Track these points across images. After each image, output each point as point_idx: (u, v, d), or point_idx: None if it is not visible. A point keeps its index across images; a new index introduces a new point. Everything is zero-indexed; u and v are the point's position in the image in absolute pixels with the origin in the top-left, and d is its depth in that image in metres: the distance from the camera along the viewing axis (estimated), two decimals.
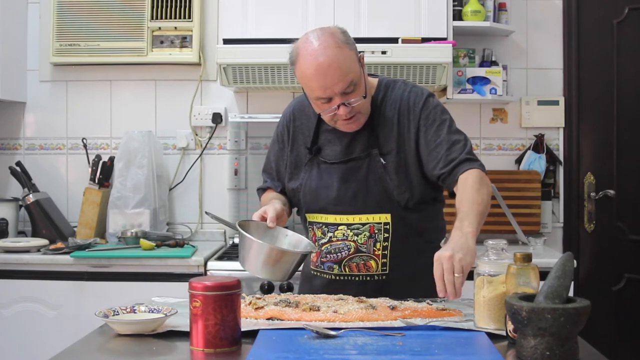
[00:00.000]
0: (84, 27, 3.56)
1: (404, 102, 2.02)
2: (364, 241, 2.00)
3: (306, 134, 2.10)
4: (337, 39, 1.90)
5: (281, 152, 2.16)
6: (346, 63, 1.89)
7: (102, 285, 3.05)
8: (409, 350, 1.45)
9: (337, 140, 2.04)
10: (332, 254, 2.03)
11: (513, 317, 1.40)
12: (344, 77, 1.88)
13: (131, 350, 1.52)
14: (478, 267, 1.62)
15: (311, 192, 2.06)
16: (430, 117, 2.00)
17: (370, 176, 2.00)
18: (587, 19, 3.61)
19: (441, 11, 3.28)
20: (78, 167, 3.69)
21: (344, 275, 2.03)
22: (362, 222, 2.00)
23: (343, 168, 2.02)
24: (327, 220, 2.03)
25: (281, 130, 2.16)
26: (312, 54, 1.88)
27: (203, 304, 1.47)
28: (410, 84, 2.08)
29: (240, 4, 3.30)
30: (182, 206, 3.68)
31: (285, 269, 1.85)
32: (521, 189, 3.50)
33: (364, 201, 2.00)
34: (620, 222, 3.59)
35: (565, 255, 1.45)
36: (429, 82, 3.31)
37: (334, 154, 2.04)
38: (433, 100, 2.04)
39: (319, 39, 1.89)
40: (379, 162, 2.00)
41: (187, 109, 3.66)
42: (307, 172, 2.07)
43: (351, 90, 1.90)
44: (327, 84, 1.87)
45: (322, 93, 1.89)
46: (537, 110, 3.62)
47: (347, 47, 1.91)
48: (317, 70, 1.87)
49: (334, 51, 1.87)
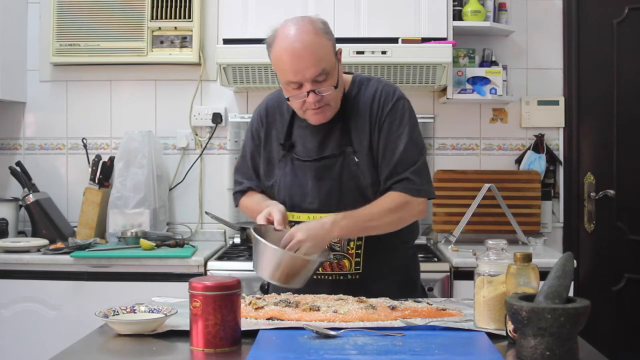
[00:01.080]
0: (84, 27, 3.56)
1: (375, 101, 2.01)
2: (338, 240, 1.99)
3: (279, 130, 2.08)
4: (315, 27, 1.90)
5: (257, 150, 2.12)
6: (321, 50, 1.88)
7: (102, 285, 3.05)
8: (409, 350, 1.45)
9: (310, 137, 2.02)
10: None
11: (513, 317, 1.40)
12: (316, 63, 1.87)
13: (131, 350, 1.52)
14: (478, 267, 1.62)
15: (285, 189, 2.04)
16: (394, 123, 1.99)
17: (344, 174, 1.99)
18: (587, 19, 3.61)
19: (441, 11, 3.28)
20: (78, 167, 3.69)
21: (317, 274, 2.00)
22: None
23: (317, 166, 2.01)
24: (300, 218, 2.02)
25: (256, 127, 2.13)
26: (289, 37, 1.88)
27: (203, 304, 1.47)
28: (384, 82, 2.06)
29: (240, 4, 3.30)
30: (182, 206, 3.68)
31: (306, 277, 1.82)
32: (521, 189, 3.50)
33: (338, 199, 1.99)
34: (620, 222, 3.59)
35: (565, 255, 1.45)
36: (429, 82, 3.31)
37: (307, 151, 2.02)
38: (402, 103, 2.02)
39: (297, 24, 1.90)
40: (352, 160, 1.98)
41: (187, 109, 3.66)
42: (281, 168, 2.05)
43: (322, 79, 1.89)
44: (299, 67, 1.87)
45: (293, 77, 1.88)
46: (537, 110, 3.62)
47: (324, 37, 1.91)
48: (291, 53, 1.86)
49: (310, 37, 1.88)
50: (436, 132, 3.63)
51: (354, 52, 3.16)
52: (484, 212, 3.40)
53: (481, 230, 3.42)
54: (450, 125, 3.64)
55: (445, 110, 3.63)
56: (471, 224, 3.39)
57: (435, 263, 3.02)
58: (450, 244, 3.36)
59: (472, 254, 3.07)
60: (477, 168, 3.63)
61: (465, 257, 3.04)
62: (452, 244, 3.34)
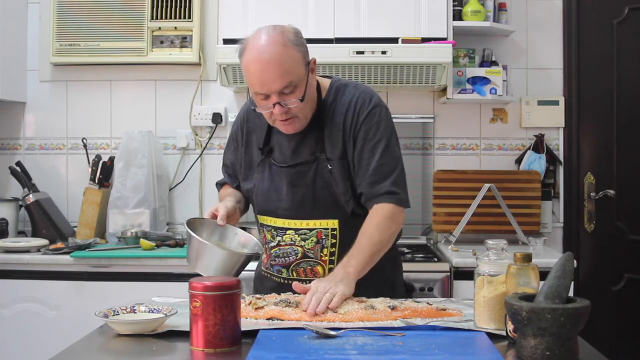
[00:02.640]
0: (84, 27, 3.56)
1: (351, 108, 1.99)
2: (311, 246, 1.99)
3: (259, 135, 2.08)
4: (285, 38, 1.87)
5: (235, 152, 2.15)
6: (288, 62, 1.86)
7: (102, 285, 3.05)
8: (409, 350, 1.45)
9: (286, 143, 2.02)
10: (281, 258, 2.03)
11: (513, 317, 1.40)
12: (282, 76, 1.85)
13: (131, 350, 1.52)
14: (478, 267, 1.62)
15: (262, 194, 2.04)
16: (370, 132, 1.97)
17: (318, 181, 1.98)
18: (587, 19, 3.61)
19: (441, 11, 3.28)
20: (78, 167, 3.69)
21: (292, 280, 2.01)
22: (310, 227, 1.99)
23: (291, 172, 2.00)
24: (275, 224, 2.02)
25: (235, 129, 2.15)
26: (257, 48, 1.86)
27: (203, 304, 1.47)
28: (361, 88, 2.04)
29: (240, 4, 3.30)
30: (182, 206, 3.68)
31: (229, 270, 1.84)
32: (521, 189, 3.50)
33: (311, 207, 1.98)
34: (620, 222, 3.59)
35: (565, 255, 1.45)
36: (429, 82, 3.31)
37: (283, 156, 2.03)
38: (379, 111, 2.00)
39: (267, 34, 1.87)
40: (326, 167, 1.98)
41: (187, 109, 3.66)
42: (259, 173, 2.06)
43: (289, 91, 1.87)
44: (264, 80, 1.85)
45: (259, 89, 1.88)
46: (537, 110, 3.62)
47: (293, 48, 1.88)
48: (258, 65, 1.85)
49: (278, 48, 1.85)
50: (436, 132, 3.63)
51: (354, 52, 3.17)
52: (484, 212, 3.40)
53: (481, 230, 3.42)
54: (450, 125, 3.64)
55: (445, 110, 3.63)
56: (471, 224, 3.39)
57: (435, 263, 3.02)
58: (450, 244, 3.36)
59: (472, 254, 3.07)
60: (477, 168, 3.63)
61: (465, 257, 3.04)
62: (452, 244, 3.34)
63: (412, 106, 3.62)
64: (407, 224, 3.59)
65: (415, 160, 3.62)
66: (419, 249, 3.30)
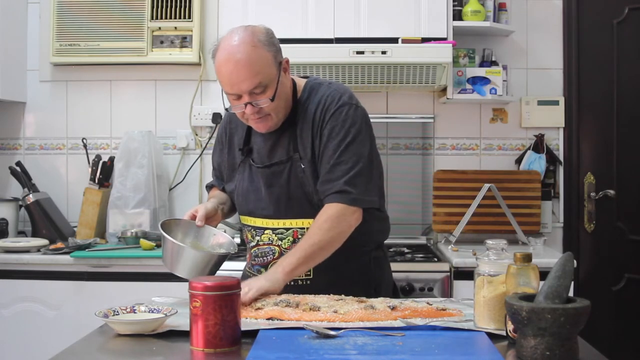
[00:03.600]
0: (84, 27, 3.56)
1: (319, 107, 1.98)
2: (288, 246, 1.99)
3: (240, 136, 2.10)
4: (255, 38, 1.87)
5: (221, 154, 2.16)
6: (258, 63, 1.86)
7: (102, 285, 3.05)
8: (409, 350, 1.45)
9: (263, 143, 2.03)
10: (260, 258, 2.04)
11: (513, 317, 1.40)
12: (252, 76, 1.86)
13: (131, 350, 1.52)
14: (478, 267, 1.62)
15: (242, 194, 2.06)
16: (335, 129, 1.95)
17: (292, 181, 1.98)
18: (587, 19, 3.61)
19: (441, 11, 3.28)
20: (78, 167, 3.69)
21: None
22: (286, 226, 2.00)
23: (267, 172, 2.01)
24: (255, 223, 2.04)
25: (221, 132, 2.17)
26: (227, 49, 1.87)
27: (203, 304, 1.47)
28: (333, 87, 2.02)
29: (240, 4, 3.30)
30: (182, 206, 3.68)
31: (200, 269, 1.86)
32: (521, 189, 3.50)
33: (286, 206, 1.99)
34: (620, 222, 3.59)
35: (565, 255, 1.45)
36: (429, 82, 3.31)
37: (260, 157, 2.04)
38: (346, 109, 1.97)
39: (237, 35, 1.88)
40: (299, 167, 1.98)
41: (187, 109, 3.66)
42: (240, 173, 2.08)
43: (259, 91, 1.88)
44: (233, 80, 1.87)
45: (229, 89, 1.89)
46: (537, 110, 3.62)
47: (263, 48, 1.87)
48: (228, 66, 1.86)
49: (247, 49, 1.85)
50: (436, 132, 3.63)
51: (354, 52, 3.17)
52: (484, 212, 3.40)
53: (481, 230, 3.42)
54: (450, 125, 3.64)
55: (445, 110, 3.63)
56: (471, 224, 3.39)
57: (435, 263, 3.02)
58: (450, 244, 3.36)
59: (472, 254, 3.07)
60: (477, 168, 3.63)
61: (465, 257, 3.04)
62: (452, 244, 3.34)
63: (412, 106, 3.62)
64: (407, 224, 3.62)
65: (415, 160, 3.62)
66: (419, 249, 3.30)
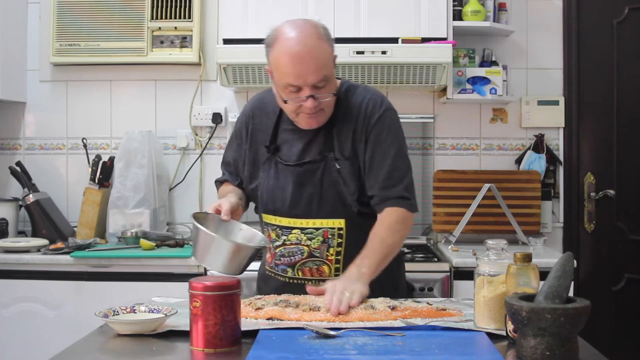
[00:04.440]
0: (84, 27, 3.56)
1: (362, 111, 1.99)
2: (317, 246, 1.99)
3: (265, 132, 2.07)
4: (318, 31, 1.89)
5: (239, 149, 2.12)
6: (323, 56, 1.88)
7: (102, 285, 3.05)
8: (409, 350, 1.45)
9: (295, 141, 2.02)
10: (286, 257, 2.02)
11: (513, 317, 1.40)
12: (319, 69, 1.86)
13: (131, 350, 1.52)
14: (478, 267, 1.62)
15: (268, 192, 2.03)
16: (382, 134, 1.98)
17: (325, 180, 1.98)
18: (587, 19, 3.61)
19: (441, 11, 3.28)
20: (78, 167, 3.69)
21: (297, 279, 2.01)
22: (316, 226, 1.99)
23: (298, 171, 2.00)
24: (281, 223, 2.02)
25: (239, 126, 2.13)
26: (293, 39, 1.86)
27: (203, 304, 1.47)
28: (371, 91, 2.05)
29: (240, 4, 3.30)
30: (182, 206, 3.68)
31: (238, 263, 1.80)
32: (521, 189, 3.50)
33: (318, 206, 1.98)
34: (620, 222, 3.59)
35: (565, 255, 1.45)
36: (429, 82, 3.31)
37: (291, 155, 2.02)
38: (390, 114, 2.01)
39: (301, 27, 1.88)
40: (334, 166, 1.98)
41: (187, 109, 3.66)
42: (265, 171, 2.05)
43: (322, 85, 1.88)
44: (301, 72, 1.85)
45: (294, 80, 1.87)
46: (537, 110, 3.62)
47: (326, 42, 1.90)
48: (295, 57, 1.85)
49: (314, 41, 1.86)
50: (436, 132, 3.63)
51: (354, 52, 3.16)
52: (484, 212, 3.40)
53: (481, 230, 3.42)
54: (450, 125, 3.64)
55: (445, 110, 3.63)
56: (471, 224, 3.39)
57: (435, 263, 3.02)
58: (450, 244, 3.36)
59: (472, 254, 3.07)
60: (477, 168, 3.63)
61: (465, 257, 3.04)
62: (452, 244, 3.34)
63: (412, 106, 3.62)
64: None
65: (415, 160, 3.60)
66: (419, 249, 3.30)
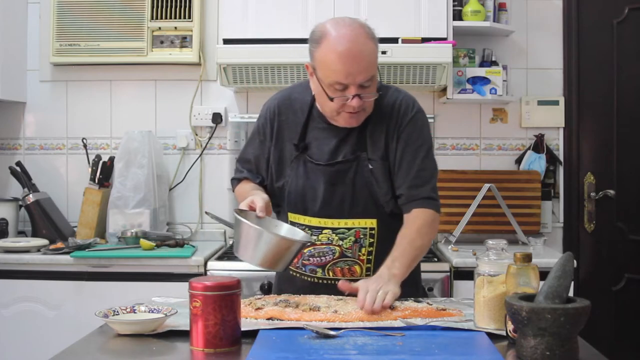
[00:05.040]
0: (84, 27, 3.56)
1: (395, 111, 2.00)
2: (349, 246, 1.98)
3: (292, 130, 2.04)
4: (367, 31, 1.90)
5: (261, 146, 2.09)
6: (372, 55, 1.89)
7: (102, 285, 3.05)
8: (409, 350, 1.45)
9: (326, 140, 2.00)
10: (316, 257, 2.01)
11: (513, 317, 1.40)
12: (367, 68, 1.86)
13: (131, 350, 1.52)
14: (478, 267, 1.62)
15: (297, 191, 2.01)
16: (413, 136, 1.99)
17: (358, 180, 1.98)
18: (587, 19, 3.61)
19: (441, 11, 3.28)
20: (78, 167, 3.69)
21: (327, 279, 2.01)
22: (348, 226, 1.98)
23: (330, 170, 1.99)
24: (310, 222, 2.00)
25: (263, 123, 2.10)
26: (344, 37, 1.85)
27: (203, 304, 1.47)
28: (403, 93, 2.06)
29: (240, 4, 3.30)
30: (182, 206, 3.68)
31: (287, 260, 1.79)
32: (521, 189, 3.50)
33: (350, 206, 1.98)
34: (620, 222, 3.59)
35: (565, 255, 1.45)
36: (429, 82, 3.31)
37: (322, 154, 2.00)
38: (421, 116, 2.03)
39: (350, 25, 1.88)
40: (366, 166, 1.98)
41: (187, 109, 3.66)
42: (293, 169, 2.03)
43: (369, 84, 1.88)
44: (350, 70, 1.84)
45: (342, 79, 1.86)
46: (537, 110, 3.62)
47: (373, 42, 1.91)
48: (345, 55, 1.84)
49: (365, 41, 1.87)
50: (436, 132, 3.63)
51: None
52: (484, 212, 3.40)
53: (481, 230, 3.42)
54: (450, 125, 3.64)
55: (445, 110, 3.63)
56: (471, 224, 3.39)
57: (435, 263, 3.02)
58: (450, 244, 3.36)
59: (472, 254, 3.07)
60: (477, 168, 3.63)
61: (465, 257, 3.04)
62: (452, 244, 3.34)
63: None
64: None
65: None
66: None
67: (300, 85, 2.10)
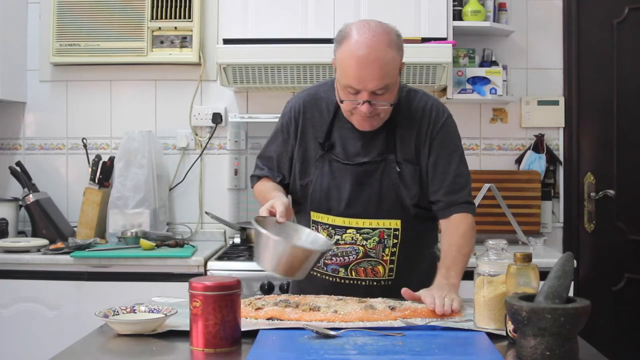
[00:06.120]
0: (84, 27, 3.56)
1: (426, 116, 2.01)
2: (373, 246, 1.99)
3: (317, 128, 2.03)
4: (390, 38, 1.87)
5: (285, 144, 2.08)
6: (389, 65, 1.86)
7: (102, 285, 3.05)
8: (409, 350, 1.45)
9: (353, 140, 2.00)
10: (339, 257, 2.00)
11: (513, 317, 1.40)
12: (381, 77, 1.84)
13: (131, 350, 1.52)
14: (478, 267, 1.62)
15: (321, 190, 2.00)
16: (446, 141, 2.01)
17: (385, 182, 1.98)
18: (587, 19, 3.61)
19: (441, 11, 3.28)
20: (78, 167, 3.69)
21: (349, 279, 2.01)
22: (373, 227, 1.98)
23: (357, 170, 1.98)
24: (334, 222, 1.99)
25: (287, 121, 2.08)
26: (361, 42, 1.84)
27: (203, 304, 1.47)
28: (432, 98, 2.07)
29: (240, 4, 3.30)
30: (182, 206, 3.68)
31: (307, 268, 1.77)
32: (521, 189, 3.50)
33: (376, 206, 1.98)
34: (620, 222, 3.59)
35: (565, 255, 1.45)
36: (429, 82, 3.31)
37: (348, 153, 2.00)
38: (452, 121, 2.05)
39: (373, 30, 1.86)
40: (394, 168, 1.98)
41: (187, 109, 3.66)
42: (318, 168, 2.02)
43: (382, 92, 1.87)
44: (363, 76, 1.84)
45: (354, 83, 1.85)
46: (537, 110, 3.62)
47: (395, 51, 1.88)
48: (359, 60, 1.83)
49: (383, 48, 1.84)
50: None
51: None
52: (484, 212, 3.40)
53: (481, 230, 3.39)
54: None
55: None
56: None
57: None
58: None
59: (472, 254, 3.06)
60: (477, 168, 3.63)
61: None
62: None
63: None
64: None
65: None
66: None
67: (326, 84, 2.09)
